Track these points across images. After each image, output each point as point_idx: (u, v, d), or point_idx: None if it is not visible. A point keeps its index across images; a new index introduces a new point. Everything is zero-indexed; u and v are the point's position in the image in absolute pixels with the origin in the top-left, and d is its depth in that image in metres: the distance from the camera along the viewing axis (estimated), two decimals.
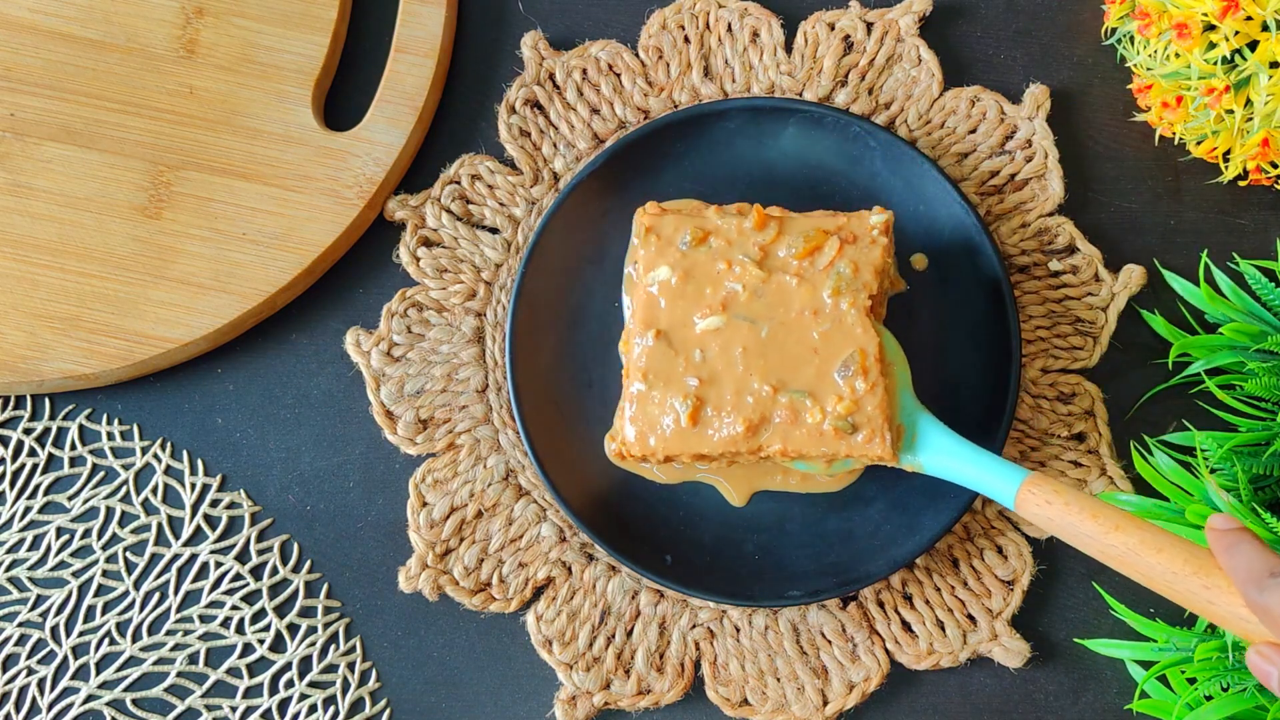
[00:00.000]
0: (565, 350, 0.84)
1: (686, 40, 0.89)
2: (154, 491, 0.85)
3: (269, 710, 0.83)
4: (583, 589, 0.83)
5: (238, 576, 0.84)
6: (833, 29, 0.89)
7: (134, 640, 0.84)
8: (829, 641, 0.83)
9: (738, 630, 0.83)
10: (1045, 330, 0.86)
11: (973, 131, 0.88)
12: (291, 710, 0.83)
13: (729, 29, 0.89)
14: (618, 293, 0.85)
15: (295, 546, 0.85)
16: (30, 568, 0.84)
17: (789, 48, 0.89)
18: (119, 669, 0.83)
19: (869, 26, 0.89)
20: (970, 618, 0.83)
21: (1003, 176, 0.87)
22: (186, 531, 0.85)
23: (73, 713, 0.83)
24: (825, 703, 0.82)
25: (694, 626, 0.83)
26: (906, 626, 0.83)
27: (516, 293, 0.83)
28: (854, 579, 0.80)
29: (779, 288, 0.77)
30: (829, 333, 0.77)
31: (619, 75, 0.89)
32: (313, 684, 0.83)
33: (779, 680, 0.82)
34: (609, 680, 0.82)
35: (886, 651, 0.83)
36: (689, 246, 0.78)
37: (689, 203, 0.83)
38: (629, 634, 0.83)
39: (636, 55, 0.89)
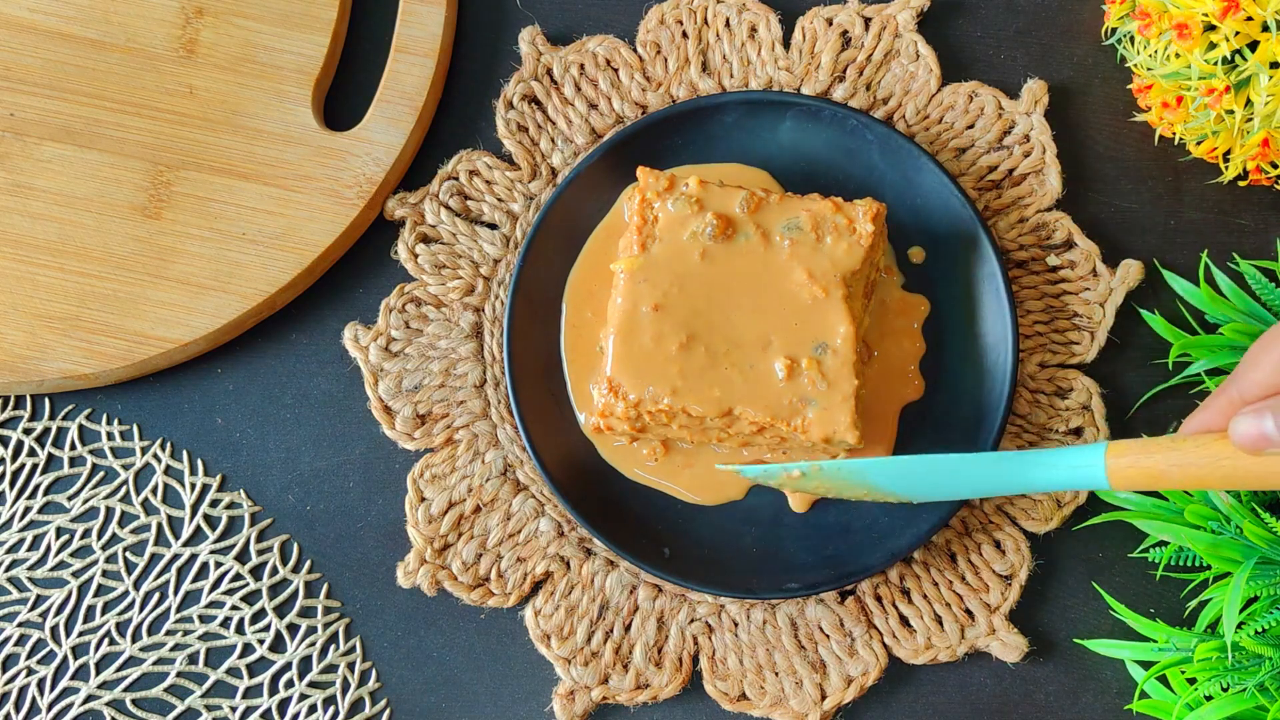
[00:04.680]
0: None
1: (684, 35, 0.89)
2: (154, 491, 0.86)
3: (269, 710, 0.83)
4: (581, 584, 0.84)
5: (238, 576, 0.85)
6: (830, 24, 0.88)
7: (134, 640, 0.84)
8: (827, 636, 0.83)
9: (736, 625, 0.83)
10: (1043, 325, 0.85)
11: (970, 126, 0.87)
12: (291, 710, 0.83)
13: (727, 24, 0.89)
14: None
15: (295, 546, 0.86)
16: (30, 568, 0.85)
17: (787, 43, 0.89)
18: (119, 669, 0.84)
19: (867, 22, 0.88)
20: (968, 612, 0.83)
21: (1000, 171, 0.87)
22: (186, 531, 0.85)
23: (73, 713, 0.83)
24: (823, 697, 0.82)
25: (692, 621, 0.83)
26: (904, 621, 0.83)
27: (514, 287, 0.83)
28: (852, 571, 0.81)
29: (765, 263, 0.78)
30: (807, 312, 0.77)
31: (616, 70, 0.89)
32: (313, 684, 0.84)
33: (777, 675, 0.83)
34: (607, 675, 0.83)
35: (884, 646, 0.83)
36: (683, 206, 0.79)
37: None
38: (627, 628, 0.83)
39: (634, 50, 0.89)
